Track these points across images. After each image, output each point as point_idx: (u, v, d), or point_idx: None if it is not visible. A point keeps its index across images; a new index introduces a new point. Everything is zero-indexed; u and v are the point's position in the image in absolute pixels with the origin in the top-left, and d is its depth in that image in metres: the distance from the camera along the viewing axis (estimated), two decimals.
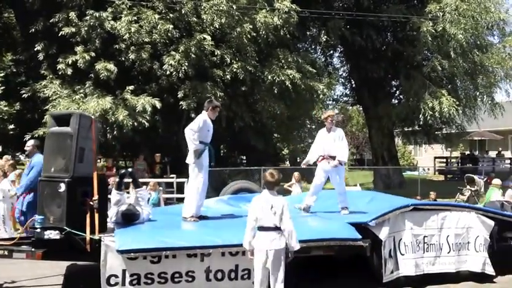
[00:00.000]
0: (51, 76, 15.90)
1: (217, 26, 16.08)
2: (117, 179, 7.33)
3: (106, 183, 6.99)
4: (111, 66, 15.08)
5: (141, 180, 14.58)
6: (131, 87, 15.56)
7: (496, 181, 12.52)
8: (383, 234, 6.73)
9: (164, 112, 16.33)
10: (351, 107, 35.63)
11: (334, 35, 19.88)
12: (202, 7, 16.15)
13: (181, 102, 15.83)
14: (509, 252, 8.02)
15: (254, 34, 16.34)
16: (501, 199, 10.39)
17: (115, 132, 15.28)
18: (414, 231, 7.10)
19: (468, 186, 16.75)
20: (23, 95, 16.32)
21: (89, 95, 15.36)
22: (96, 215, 6.15)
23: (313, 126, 35.37)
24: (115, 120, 14.84)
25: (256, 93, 17.52)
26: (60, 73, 15.57)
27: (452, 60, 19.35)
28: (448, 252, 7.28)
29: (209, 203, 9.15)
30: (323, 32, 20.15)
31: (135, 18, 15.67)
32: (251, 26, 16.20)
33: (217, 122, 17.59)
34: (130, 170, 12.14)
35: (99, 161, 22.91)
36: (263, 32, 16.47)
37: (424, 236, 7.16)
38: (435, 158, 31.80)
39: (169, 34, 15.71)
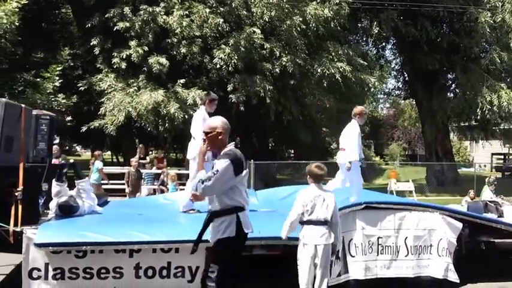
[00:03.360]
0: (106, 70, 16.41)
1: (266, 19, 16.08)
2: (58, 171, 6.88)
3: (37, 174, 6.61)
4: (163, 60, 15.39)
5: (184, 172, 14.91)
6: (182, 81, 15.84)
7: (491, 179, 11.88)
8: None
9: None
10: (403, 101, 34.89)
11: (386, 26, 19.43)
12: (252, 0, 16.17)
13: (230, 96, 15.97)
14: (482, 257, 7.42)
15: (304, 27, 16.20)
16: (494, 198, 9.69)
17: (166, 125, 15.55)
18: (366, 232, 6.43)
19: None
20: (80, 88, 16.91)
21: (142, 88, 15.75)
22: (20, 207, 5.93)
23: None
24: (166, 112, 15.15)
25: (305, 86, 17.39)
26: (115, 67, 16.04)
27: (511, 52, 18.54)
28: (406, 256, 6.59)
29: (176, 197, 8.91)
30: (375, 23, 19.72)
31: (187, 12, 15.92)
32: (301, 19, 16.07)
33: (266, 115, 17.73)
34: (71, 161, 12.09)
35: (150, 152, 23.51)
36: (313, 25, 16.29)
37: (378, 237, 6.50)
38: (492, 154, 30.64)
39: (219, 28, 15.87)
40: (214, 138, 4.27)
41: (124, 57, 15.74)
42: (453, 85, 23.61)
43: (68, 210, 6.44)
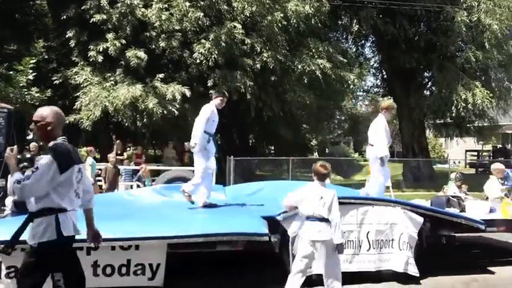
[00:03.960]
0: (82, 63, 16.05)
1: (247, 14, 15.94)
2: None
3: None
4: (141, 53, 15.12)
5: (170, 168, 14.75)
6: (161, 75, 15.59)
7: (453, 176, 12.10)
8: (292, 229, 6.16)
9: (194, 100, 16.29)
10: (381, 98, 35.12)
11: (366, 24, 19.52)
12: None
13: (211, 91, 15.71)
14: (442, 251, 7.59)
15: (285, 23, 16.12)
16: (458, 194, 9.81)
17: (144, 120, 15.30)
18: None
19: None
20: (54, 82, 16.49)
21: (119, 82, 15.44)
22: None
23: (343, 118, 35.21)
24: (145, 108, 14.89)
25: (286, 83, 17.33)
26: (91, 60, 15.69)
27: (486, 51, 18.85)
28: (368, 250, 6.66)
29: (142, 193, 8.93)
30: (355, 21, 19.81)
31: (166, 5, 15.66)
32: (282, 15, 15.99)
33: (246, 111, 17.62)
34: (28, 155, 11.86)
35: (128, 149, 23.19)
36: (294, 21, 16.24)
37: (342, 232, 6.52)
38: (466, 151, 31.18)
39: (199, 22, 15.66)
40: (43, 129, 3.82)
41: (101, 50, 15.38)
42: (429, 83, 23.89)
43: (24, 207, 6.17)
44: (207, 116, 7.40)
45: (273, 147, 27.94)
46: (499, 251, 9.07)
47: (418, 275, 6.61)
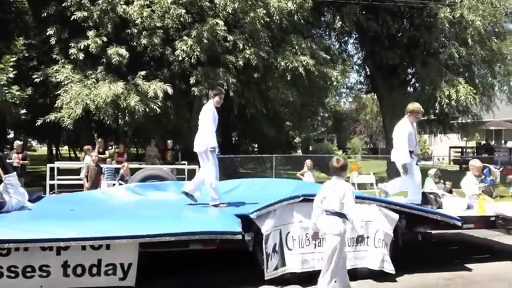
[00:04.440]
0: (63, 61, 15.85)
1: (230, 11, 15.86)
2: None
3: None
4: (123, 51, 14.97)
5: (152, 166, 14.63)
6: (143, 73, 15.46)
7: (431, 172, 12.17)
8: (266, 227, 6.13)
9: (176, 98, 16.20)
10: (365, 95, 35.26)
11: (349, 20, 19.52)
12: None
13: (193, 88, 15.71)
14: (419, 248, 7.59)
15: (267, 19, 16.09)
16: (435, 190, 9.87)
17: (126, 118, 15.15)
18: (304, 224, 6.35)
19: (491, 176, 16.45)
20: (35, 80, 16.24)
21: (100, 80, 15.27)
22: None
23: (326, 115, 35.25)
24: (126, 105, 14.75)
25: (269, 80, 17.29)
26: (72, 58, 15.50)
27: (469, 47, 18.93)
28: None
29: (114, 191, 8.87)
30: (338, 17, 19.76)
31: (147, 2, 15.54)
32: (264, 11, 15.94)
33: (230, 109, 17.55)
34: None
35: (110, 147, 22.99)
36: (277, 17, 16.21)
37: None
38: (450, 147, 31.40)
39: (181, 19, 15.55)
40: None
41: (82, 47, 15.19)
42: (413, 79, 23.95)
43: None
44: (212, 116, 7.47)
45: (256, 145, 27.90)
46: (477, 247, 9.13)
47: (393, 272, 6.58)
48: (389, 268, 6.60)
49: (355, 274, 6.51)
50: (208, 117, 7.47)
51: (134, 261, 5.72)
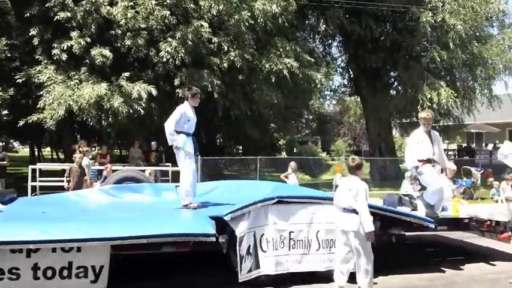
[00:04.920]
0: (46, 61, 15.68)
1: (214, 13, 15.88)
2: None
3: None
4: (106, 52, 14.88)
5: (136, 168, 14.57)
6: (127, 74, 15.37)
7: (407, 174, 12.30)
8: (240, 229, 6.08)
9: (160, 99, 16.15)
10: (348, 98, 35.48)
11: (332, 24, 19.71)
12: None
13: (177, 90, 15.67)
14: (394, 250, 7.62)
15: (252, 22, 16.14)
16: (411, 192, 10.02)
17: (110, 120, 15.06)
18: (278, 226, 6.40)
19: (465, 178, 16.72)
20: (17, 80, 16.07)
21: (84, 81, 15.16)
22: None
23: (311, 117, 35.46)
24: (110, 107, 14.65)
25: (254, 82, 17.33)
26: (55, 58, 15.35)
27: (451, 51, 19.22)
28: (318, 250, 6.59)
29: (88, 193, 8.78)
30: (322, 21, 19.97)
31: (132, 3, 15.46)
32: (249, 14, 15.99)
33: (214, 110, 17.55)
34: None
35: (93, 148, 22.82)
36: (261, 20, 16.27)
37: (290, 232, 6.46)
38: None
39: (166, 20, 15.52)
40: None
41: (65, 48, 15.06)
42: (395, 83, 24.25)
43: None
44: (176, 117, 7.35)
45: (240, 147, 27.94)
46: (452, 249, 9.21)
47: None
48: None
49: (330, 276, 6.52)
50: (174, 117, 7.36)
51: (106, 264, 5.66)
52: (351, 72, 25.56)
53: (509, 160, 7.42)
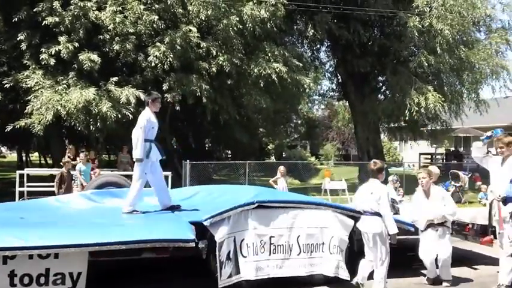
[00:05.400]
0: (33, 66, 15.59)
1: (203, 18, 15.91)
2: None
3: None
4: (94, 56, 14.84)
5: (124, 173, 14.51)
6: (115, 79, 15.34)
7: (390, 178, 12.39)
8: (219, 234, 6.02)
9: None
10: (337, 102, 35.68)
11: (321, 29, 19.80)
12: None
13: (166, 95, 15.64)
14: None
15: (240, 26, 16.19)
16: (394, 196, 10.03)
17: (98, 124, 15.01)
18: (259, 231, 6.35)
19: (453, 182, 16.85)
20: (5, 85, 15.97)
21: (72, 86, 15.10)
22: None
23: (299, 121, 35.57)
24: (98, 111, 14.61)
25: (242, 86, 17.37)
26: (43, 63, 15.28)
27: (438, 56, 19.36)
28: (298, 254, 6.54)
29: (69, 199, 8.67)
30: (310, 25, 20.06)
31: (120, 8, 15.45)
32: (238, 19, 16.05)
33: (203, 115, 17.55)
34: None
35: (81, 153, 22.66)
36: (250, 25, 16.33)
37: (271, 237, 6.42)
38: (420, 154, 31.96)
39: (154, 25, 15.54)
40: None
41: (53, 53, 15.00)
42: (383, 87, 24.36)
43: None
44: (142, 125, 7.25)
45: (229, 152, 27.95)
46: None
47: (349, 278, 6.55)
48: (345, 274, 6.55)
49: (311, 281, 6.50)
50: (140, 126, 7.27)
51: (84, 270, 5.60)
52: (339, 77, 25.67)
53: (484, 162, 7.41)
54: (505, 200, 6.40)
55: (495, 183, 6.83)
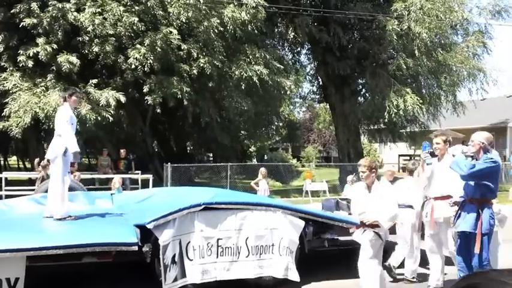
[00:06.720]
0: (11, 68, 15.41)
1: (183, 20, 15.88)
2: None
3: None
4: (73, 58, 14.72)
5: (104, 176, 14.41)
6: (95, 81, 15.24)
7: (349, 178, 12.52)
8: (164, 237, 5.81)
9: (129, 107, 16.04)
10: (318, 105, 35.85)
11: (301, 31, 19.91)
12: (169, 0, 15.89)
13: (146, 97, 15.57)
14: (325, 255, 7.48)
15: (221, 29, 16.20)
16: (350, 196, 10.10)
17: (77, 127, 14.81)
18: (205, 234, 6.16)
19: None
20: None
21: (50, 88, 14.96)
22: None
23: (281, 124, 35.65)
24: (77, 114, 14.45)
25: (224, 89, 17.39)
26: (20, 65, 15.10)
27: (416, 58, 19.58)
28: (247, 256, 6.36)
29: (17, 202, 8.30)
30: (290, 28, 20.16)
31: (99, 10, 15.33)
32: (218, 21, 16.04)
33: (184, 118, 17.51)
34: None
35: None
36: (231, 27, 16.34)
37: (218, 239, 6.23)
38: (399, 155, 32.29)
39: (134, 27, 15.44)
40: None
41: (31, 55, 14.84)
42: (363, 90, 24.57)
43: None
44: (68, 118, 6.90)
45: (211, 154, 27.89)
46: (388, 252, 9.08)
47: (298, 280, 6.40)
48: (294, 276, 6.41)
49: (260, 283, 6.41)
50: (64, 120, 6.89)
51: (21, 276, 5.39)
52: (320, 80, 25.78)
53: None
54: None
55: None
